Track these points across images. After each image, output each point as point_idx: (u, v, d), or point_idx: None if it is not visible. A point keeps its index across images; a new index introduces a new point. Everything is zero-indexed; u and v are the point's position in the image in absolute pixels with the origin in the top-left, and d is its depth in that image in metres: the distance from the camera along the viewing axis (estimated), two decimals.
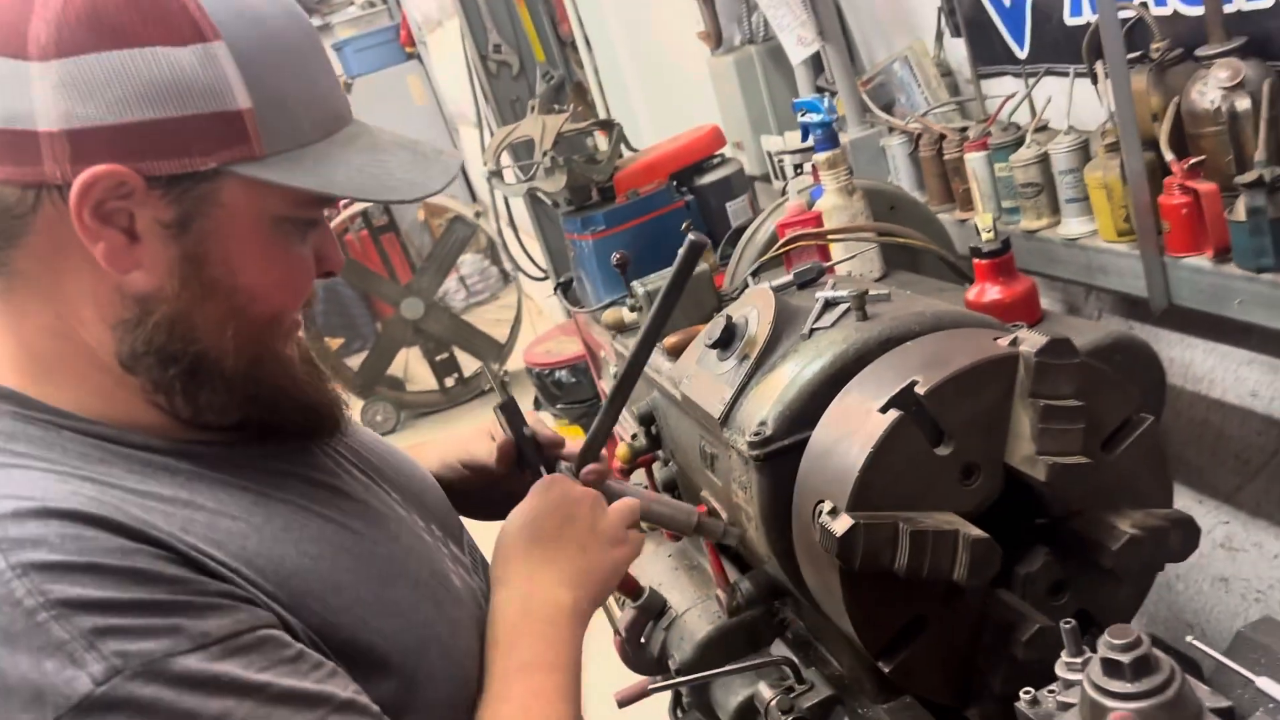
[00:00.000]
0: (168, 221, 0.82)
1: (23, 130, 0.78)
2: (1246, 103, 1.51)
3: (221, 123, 0.80)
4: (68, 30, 0.77)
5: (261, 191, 0.84)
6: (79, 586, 0.71)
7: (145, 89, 0.78)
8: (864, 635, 1.19)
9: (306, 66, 0.86)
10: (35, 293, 0.84)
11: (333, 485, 0.97)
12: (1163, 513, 1.18)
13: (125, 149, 0.78)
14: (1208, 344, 1.92)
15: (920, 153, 2.22)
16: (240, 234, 0.85)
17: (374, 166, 0.88)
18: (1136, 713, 0.80)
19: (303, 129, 0.85)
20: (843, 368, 1.31)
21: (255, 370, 0.89)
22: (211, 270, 0.84)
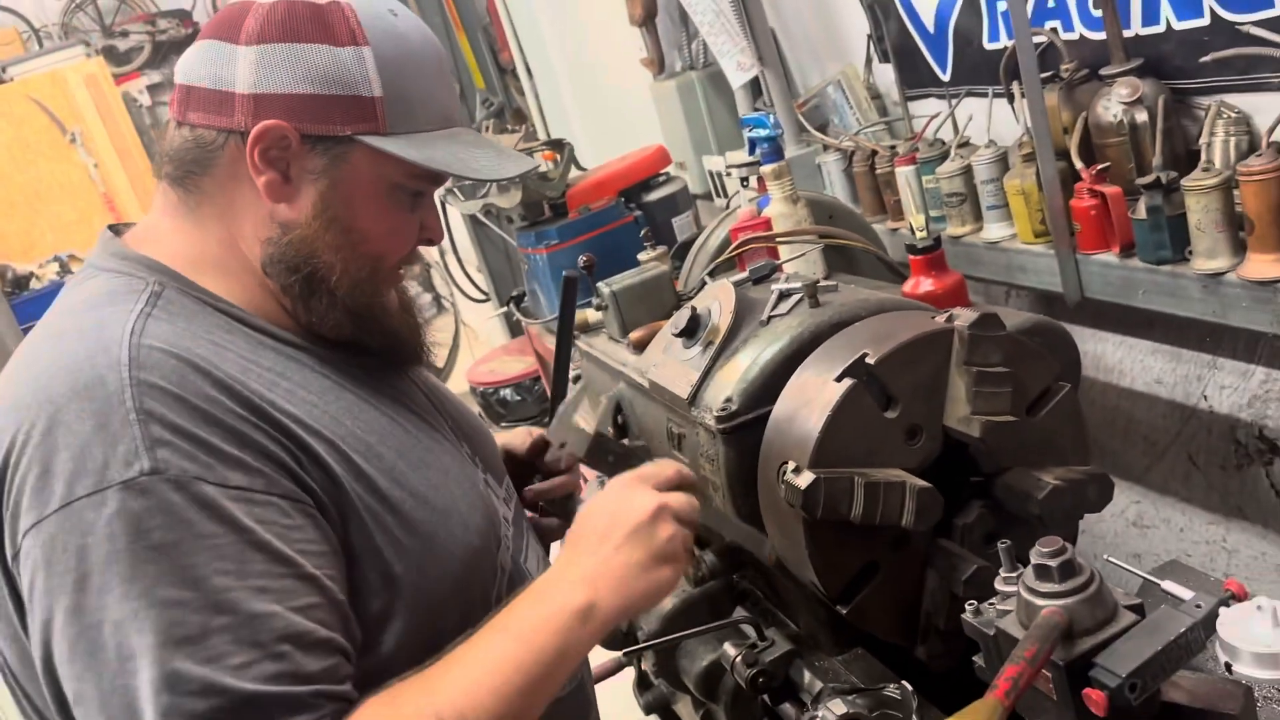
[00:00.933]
0: (312, 169, 1.10)
1: (225, 91, 1.09)
2: (1144, 116, 1.71)
3: (359, 104, 1.09)
4: (268, 27, 1.08)
5: (381, 159, 1.11)
6: (164, 407, 0.96)
7: (311, 72, 1.08)
8: (824, 580, 1.33)
9: (429, 78, 1.15)
10: (214, 209, 1.13)
11: (397, 396, 1.20)
12: (1081, 469, 1.34)
13: (290, 112, 1.08)
14: (1117, 337, 2.12)
15: (854, 168, 2.40)
16: (361, 188, 1.12)
17: (465, 154, 1.16)
18: (1064, 608, 0.95)
19: (418, 121, 1.13)
20: (799, 348, 1.46)
21: (354, 293, 1.14)
22: (336, 210, 1.12)
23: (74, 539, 0.91)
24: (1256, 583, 2.02)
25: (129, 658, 0.90)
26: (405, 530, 1.08)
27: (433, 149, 1.13)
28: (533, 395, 4.58)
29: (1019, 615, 1.00)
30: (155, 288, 1.08)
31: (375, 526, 1.06)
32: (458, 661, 1.03)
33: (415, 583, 1.08)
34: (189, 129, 1.12)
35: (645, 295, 1.94)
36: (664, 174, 2.90)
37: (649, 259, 2.13)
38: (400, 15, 1.15)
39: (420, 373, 1.29)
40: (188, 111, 1.12)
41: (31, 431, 0.95)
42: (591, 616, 1.07)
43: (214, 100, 1.10)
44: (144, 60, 9.25)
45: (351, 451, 1.06)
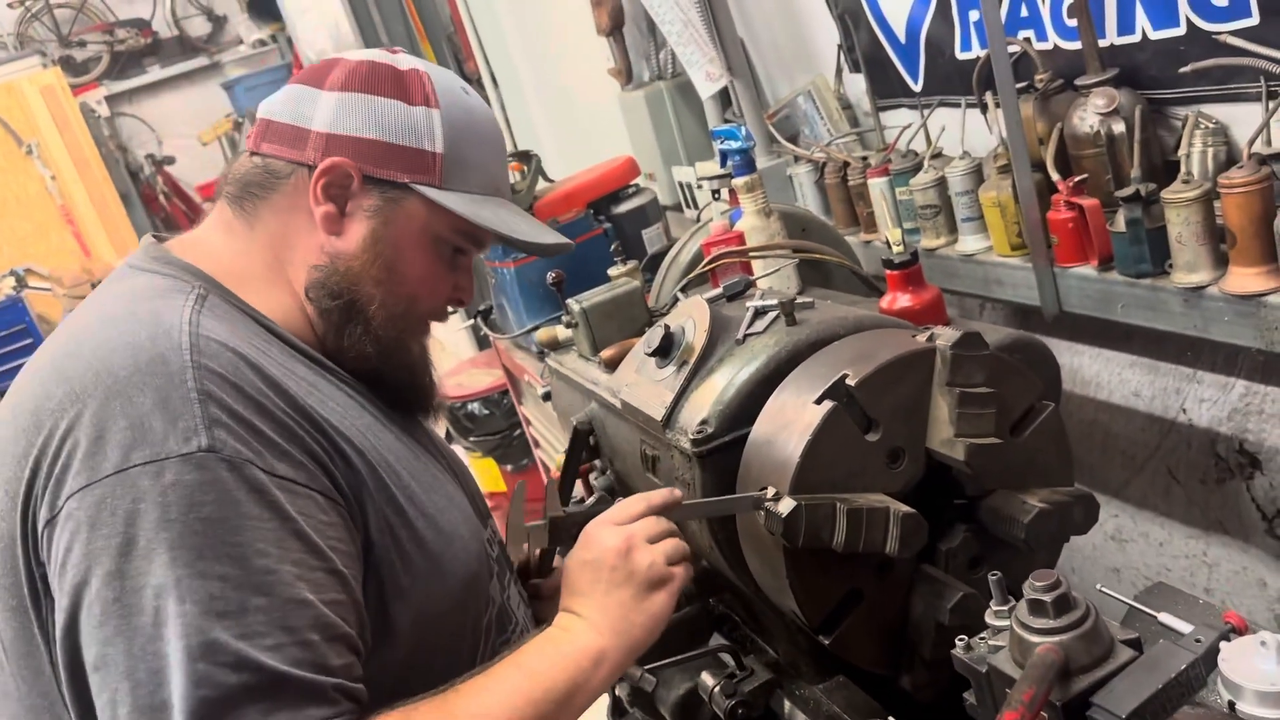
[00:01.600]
0: (367, 208, 1.21)
1: (302, 128, 1.21)
2: (1121, 126, 1.68)
3: (420, 157, 1.21)
4: (352, 78, 1.21)
5: (431, 210, 1.22)
6: (222, 391, 1.01)
7: (383, 122, 1.20)
8: (805, 610, 1.29)
9: (487, 149, 1.28)
10: (266, 232, 1.23)
11: (406, 427, 1.28)
12: (1066, 490, 1.31)
13: (357, 154, 1.19)
14: (1094, 350, 2.10)
15: (826, 180, 2.36)
16: (409, 234, 1.22)
17: (509, 219, 1.28)
18: (1059, 644, 0.91)
19: (471, 183, 1.25)
20: (776, 368, 1.42)
21: (388, 326, 1.23)
22: (383, 249, 1.21)
23: (124, 504, 0.94)
24: (1238, 597, 2.00)
25: (164, 623, 0.92)
26: (416, 546, 1.13)
27: (480, 209, 1.24)
28: (501, 409, 4.51)
29: (1012, 651, 0.96)
30: (200, 291, 1.13)
31: (391, 537, 1.11)
32: (472, 689, 1.07)
33: (420, 598, 1.13)
34: (260, 158, 1.22)
35: (616, 312, 1.89)
36: (633, 185, 2.85)
37: (619, 274, 2.08)
38: (471, 95, 1.28)
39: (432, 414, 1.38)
40: (263, 142, 1.23)
41: (88, 400, 0.99)
42: (603, 661, 1.14)
43: (290, 134, 1.21)
44: (102, 70, 9.11)
45: (376, 463, 1.12)
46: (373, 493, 1.10)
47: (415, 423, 1.32)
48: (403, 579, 1.11)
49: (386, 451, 1.16)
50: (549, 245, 1.34)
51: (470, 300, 1.34)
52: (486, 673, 1.10)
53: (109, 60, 9.12)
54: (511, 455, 4.68)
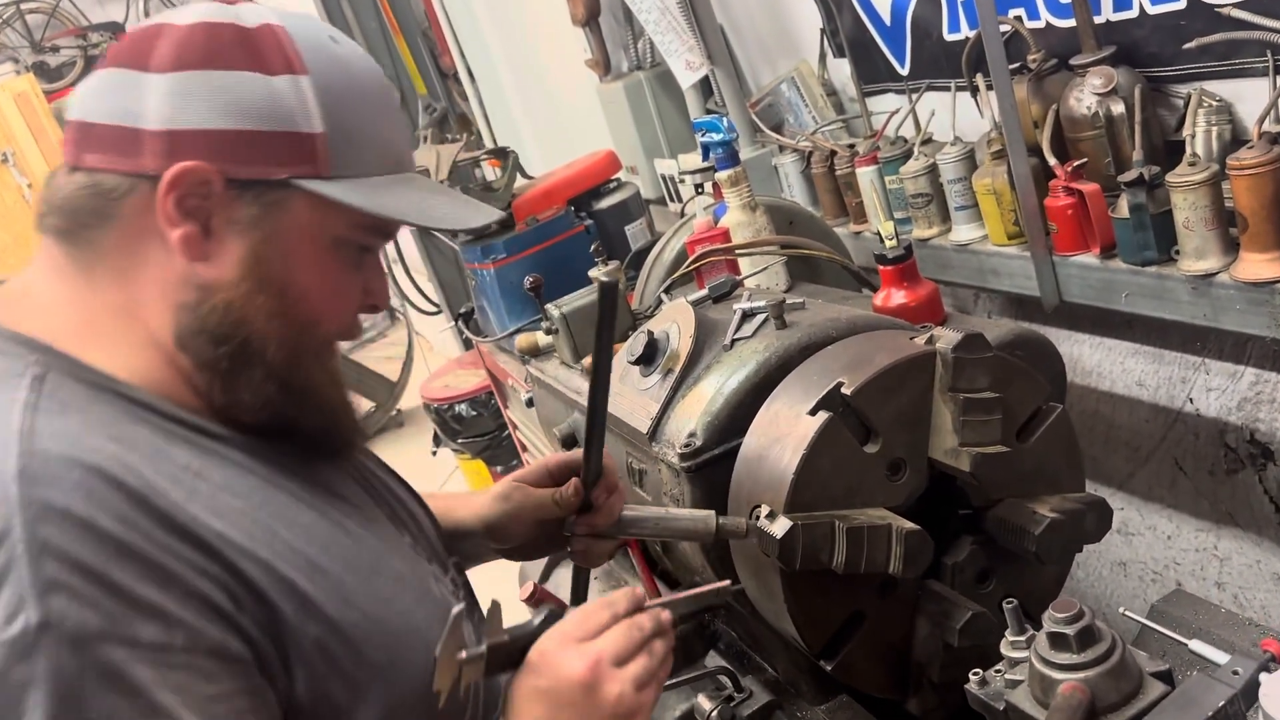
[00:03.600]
0: (239, 220, 0.93)
1: (130, 128, 0.91)
2: (1120, 107, 1.60)
3: (296, 142, 0.92)
4: (186, 52, 0.91)
5: (323, 208, 0.94)
6: (65, 537, 0.77)
7: (238, 105, 0.91)
8: (805, 635, 1.21)
9: (377, 113, 0.99)
10: (111, 270, 0.94)
11: (331, 489, 1.02)
12: (1077, 496, 1.24)
13: (212, 152, 0.90)
14: (1094, 339, 2.02)
15: (812, 169, 2.28)
16: (300, 242, 0.95)
17: (423, 203, 1.00)
18: (1084, 681, 0.83)
19: (367, 162, 0.97)
20: (766, 375, 1.34)
21: (292, 366, 0.97)
22: (269, 268, 0.94)
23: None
24: (1251, 591, 1.93)
25: None
26: (360, 663, 0.92)
27: (384, 195, 0.97)
28: (489, 410, 4.43)
29: (1032, 688, 0.88)
30: (38, 370, 0.88)
31: (326, 666, 0.89)
32: None
33: (386, 688, 0.93)
34: (85, 174, 0.93)
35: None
36: (615, 180, 2.76)
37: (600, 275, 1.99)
38: (342, 43, 1.00)
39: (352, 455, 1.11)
40: (84, 153, 0.93)
41: None
42: None
43: (117, 138, 0.91)
44: (76, 76, 8.97)
45: (292, 572, 0.89)
46: (293, 620, 0.87)
47: (338, 471, 1.07)
48: (353, 710, 0.91)
49: (307, 545, 0.92)
50: (472, 223, 1.06)
51: (385, 304, 1.08)
52: None
53: (83, 65, 8.97)
54: (500, 457, 4.60)
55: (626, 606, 1.02)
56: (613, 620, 1.00)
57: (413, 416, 6.58)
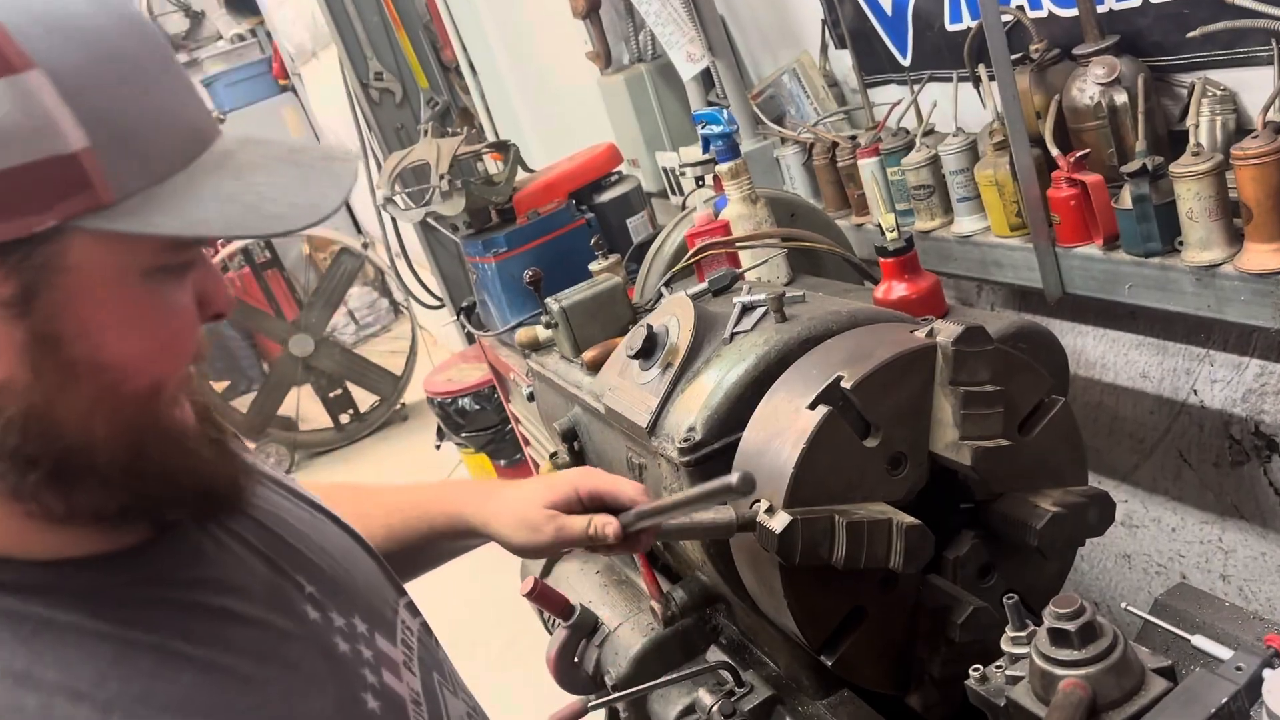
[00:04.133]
0: (6, 299, 0.67)
1: None
2: (1123, 97, 1.59)
3: (54, 170, 0.65)
4: None
5: (118, 244, 0.69)
6: None
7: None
8: (806, 630, 1.20)
9: (152, 82, 0.70)
10: None
11: (219, 606, 0.80)
12: (1080, 490, 1.23)
13: None
14: (1098, 330, 2.01)
15: (814, 161, 2.27)
16: (99, 299, 0.70)
17: (249, 194, 0.72)
18: (1085, 677, 0.82)
19: (157, 161, 0.70)
20: (766, 369, 1.33)
21: (137, 456, 0.75)
22: (69, 350, 0.69)
23: None
24: (1257, 584, 1.92)
25: None
26: None
27: (196, 202, 0.70)
28: (492, 404, 4.43)
29: (1032, 684, 0.87)
30: None
31: None
32: None
33: None
34: None
35: (598, 310, 1.80)
36: (616, 173, 2.75)
37: (601, 269, 1.98)
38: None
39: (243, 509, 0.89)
40: None
41: None
42: None
43: None
44: None
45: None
46: None
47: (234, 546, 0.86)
48: None
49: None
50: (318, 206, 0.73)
51: (230, 310, 0.82)
52: None
53: None
54: (504, 450, 4.61)
55: None
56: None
57: (416, 410, 6.59)
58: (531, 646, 2.20)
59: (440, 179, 2.54)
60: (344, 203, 0.74)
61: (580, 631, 1.73)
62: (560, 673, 1.74)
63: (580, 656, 1.73)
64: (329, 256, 6.79)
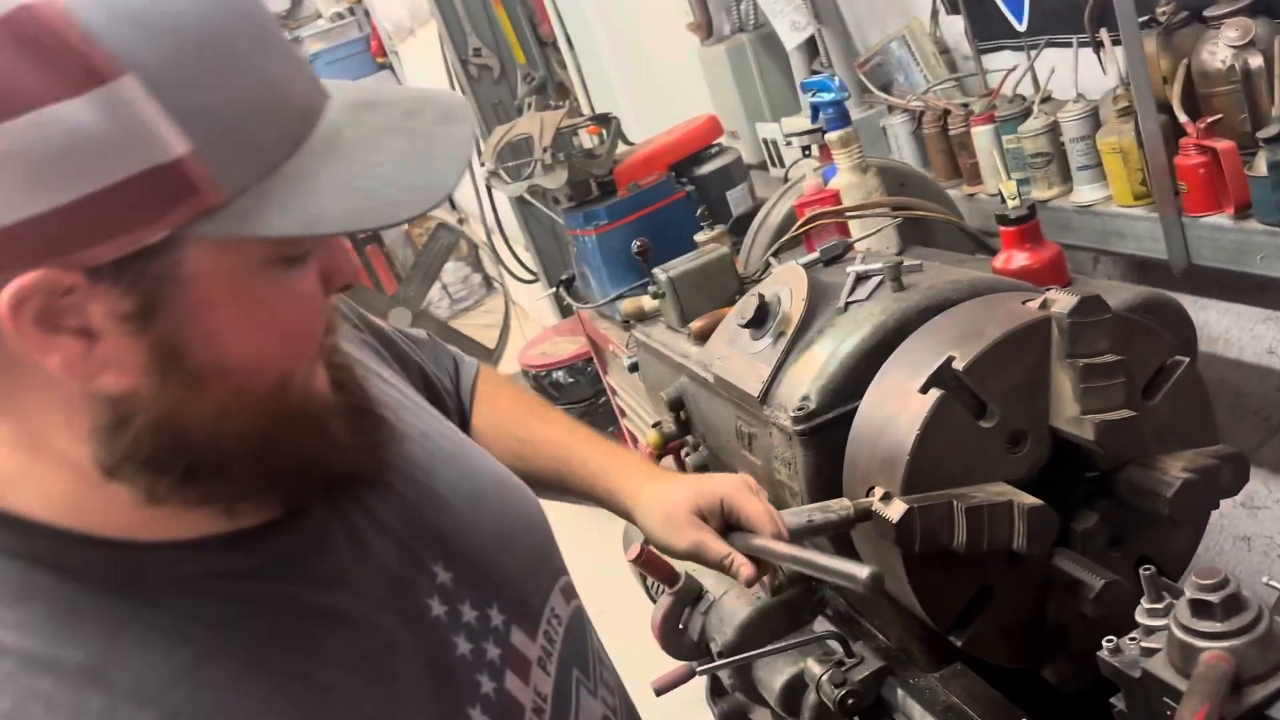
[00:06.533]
0: (127, 314, 0.65)
1: None
2: (1258, 60, 1.52)
3: (157, 180, 0.62)
4: None
5: (234, 245, 0.67)
6: None
7: (43, 167, 0.59)
8: (932, 613, 1.19)
9: (251, 63, 0.66)
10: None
11: (326, 606, 0.78)
12: (1211, 450, 1.18)
13: (48, 246, 0.61)
14: (1222, 304, 1.94)
15: (924, 130, 2.22)
16: (219, 302, 0.68)
17: (364, 179, 0.68)
18: (1229, 650, 0.80)
19: (265, 151, 0.66)
20: (883, 338, 1.31)
21: (267, 448, 0.74)
22: (194, 357, 0.68)
23: None
24: None
25: None
26: None
27: (312, 193, 0.66)
28: (586, 377, 4.47)
29: (1170, 656, 0.85)
30: None
31: None
32: None
33: None
34: None
35: (705, 281, 1.80)
36: (716, 145, 2.74)
37: (707, 240, 1.98)
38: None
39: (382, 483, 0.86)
40: None
41: None
42: None
43: None
44: None
45: None
46: None
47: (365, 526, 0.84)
48: None
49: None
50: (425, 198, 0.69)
51: (357, 280, 0.80)
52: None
53: None
54: (597, 423, 4.61)
55: None
56: None
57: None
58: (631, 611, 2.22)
59: (544, 152, 2.56)
60: (460, 179, 0.70)
61: (685, 598, 1.74)
62: (665, 637, 1.75)
63: (685, 623, 1.75)
64: (425, 232, 6.90)
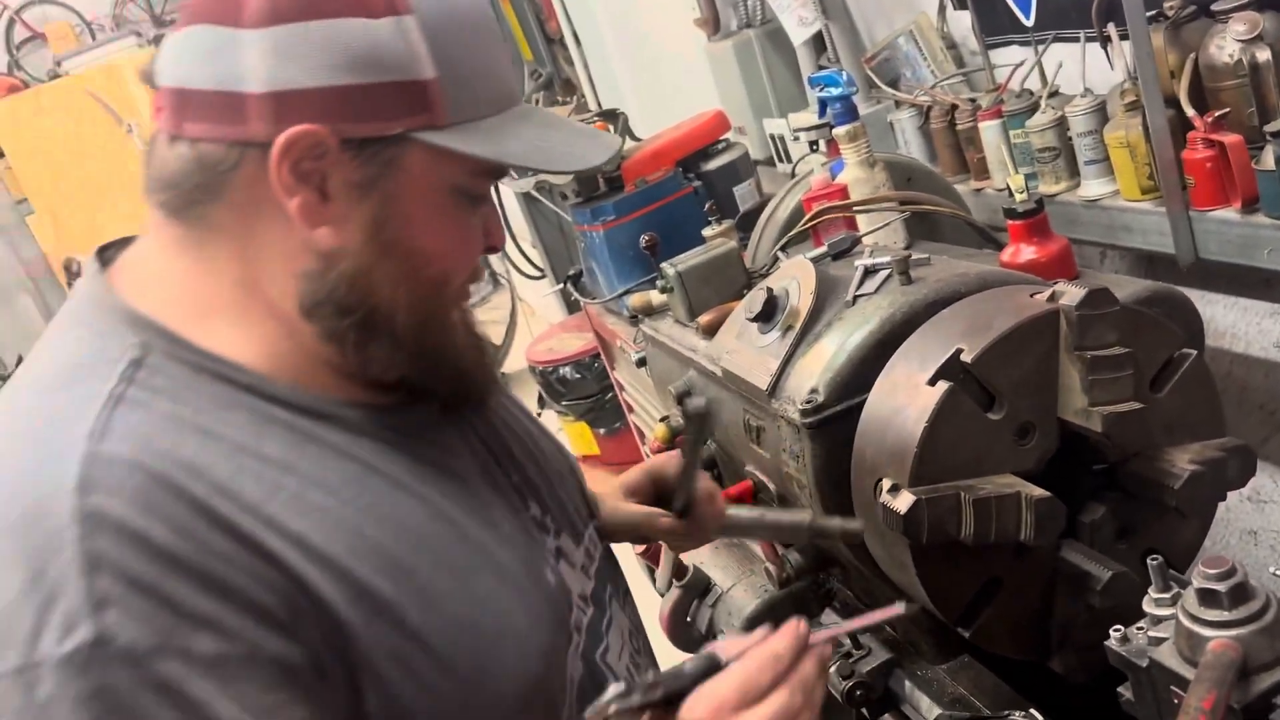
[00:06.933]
0: (357, 182, 0.87)
1: (232, 92, 0.84)
2: (1266, 54, 1.52)
3: (409, 91, 0.86)
4: (278, 1, 0.83)
5: (441, 159, 0.88)
6: (118, 549, 0.75)
7: (344, 57, 0.84)
8: (940, 605, 1.20)
9: (486, 44, 0.92)
10: (227, 244, 0.89)
11: (445, 464, 0.97)
12: (1218, 443, 1.18)
13: (323, 112, 0.84)
14: (1228, 299, 1.94)
15: (931, 125, 2.23)
16: (420, 198, 0.89)
17: (542, 140, 0.94)
18: (1236, 639, 0.81)
19: (480, 102, 0.90)
20: (891, 331, 1.32)
21: (422, 330, 0.93)
22: (392, 231, 0.89)
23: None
24: None
25: None
26: (442, 670, 0.86)
27: (503, 138, 0.90)
28: (592, 373, 4.47)
29: (1178, 645, 0.86)
30: (136, 353, 0.85)
31: (402, 676, 0.84)
32: None
33: (475, 693, 0.88)
34: (187, 144, 0.86)
35: (713, 275, 1.80)
36: (723, 140, 2.74)
37: (715, 234, 1.99)
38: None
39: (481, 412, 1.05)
40: (184, 122, 0.86)
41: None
42: None
43: (219, 105, 0.85)
44: None
45: (373, 575, 0.84)
46: (364, 632, 0.82)
47: (461, 435, 1.01)
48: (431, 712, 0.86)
49: (396, 543, 0.87)
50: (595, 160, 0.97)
51: (503, 244, 1.05)
52: None
53: None
54: (604, 419, 4.65)
55: (791, 659, 0.88)
56: (775, 682, 0.87)
57: (516, 380, 6.66)
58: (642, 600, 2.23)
59: None
60: (607, 161, 0.98)
61: (693, 591, 1.75)
62: (673, 630, 1.77)
63: (693, 616, 1.76)
64: None
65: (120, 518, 0.75)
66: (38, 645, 0.72)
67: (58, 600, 0.73)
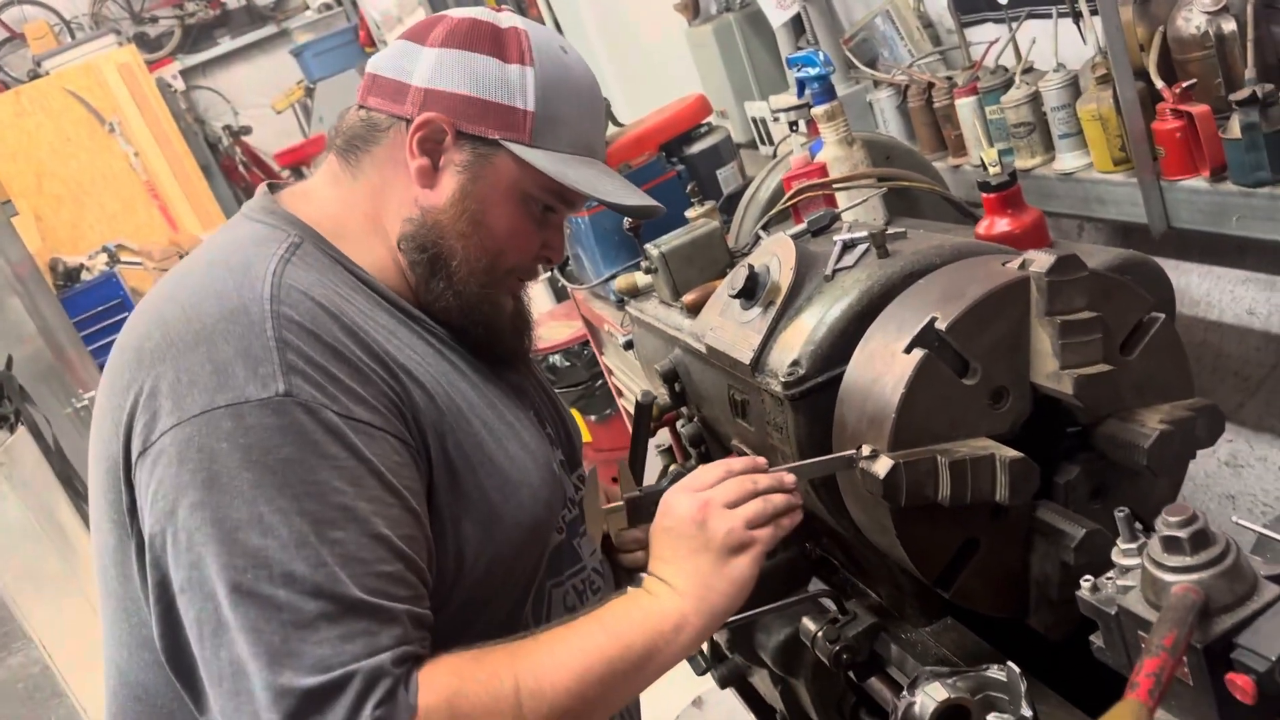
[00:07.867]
0: (459, 164, 1.22)
1: (403, 82, 1.23)
2: (1231, 25, 1.56)
3: (513, 114, 1.22)
4: (452, 35, 1.23)
5: (521, 168, 1.22)
6: (299, 339, 1.07)
7: (480, 80, 1.21)
8: (921, 565, 1.23)
9: (581, 108, 1.27)
10: (367, 184, 1.26)
11: (490, 374, 1.28)
12: (1187, 403, 1.21)
13: (452, 110, 1.21)
14: (1203, 267, 1.98)
15: (909, 103, 2.26)
16: (498, 191, 1.24)
17: (599, 180, 1.27)
18: (1198, 583, 0.84)
19: (561, 140, 1.24)
20: (869, 303, 1.35)
21: (470, 282, 1.24)
22: (471, 203, 1.23)
23: (210, 442, 1.01)
24: None
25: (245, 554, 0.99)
26: (479, 492, 1.16)
27: (568, 168, 1.23)
28: (582, 360, 4.50)
29: (1144, 592, 0.89)
30: (295, 239, 1.18)
31: (454, 481, 1.14)
32: (547, 640, 1.11)
33: (480, 541, 1.16)
34: (366, 111, 1.26)
35: (696, 255, 1.84)
36: (705, 124, 2.77)
37: (697, 215, 2.01)
38: (570, 54, 1.28)
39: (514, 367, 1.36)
40: (369, 96, 1.26)
41: (179, 345, 1.07)
42: (683, 626, 1.14)
43: (392, 89, 1.24)
44: (175, 45, 9.23)
45: (446, 409, 1.16)
46: (441, 439, 1.14)
47: (499, 373, 1.31)
48: (464, 523, 1.15)
49: (459, 398, 1.19)
50: (637, 207, 1.32)
51: (559, 259, 1.36)
52: (567, 626, 1.13)
53: (181, 34, 9.24)
54: (594, 406, 4.68)
55: (742, 467, 1.21)
56: (726, 475, 1.20)
57: None
58: None
59: None
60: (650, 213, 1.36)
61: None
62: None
63: None
64: None
65: (300, 319, 1.08)
66: (246, 389, 1.03)
67: (260, 364, 1.04)
